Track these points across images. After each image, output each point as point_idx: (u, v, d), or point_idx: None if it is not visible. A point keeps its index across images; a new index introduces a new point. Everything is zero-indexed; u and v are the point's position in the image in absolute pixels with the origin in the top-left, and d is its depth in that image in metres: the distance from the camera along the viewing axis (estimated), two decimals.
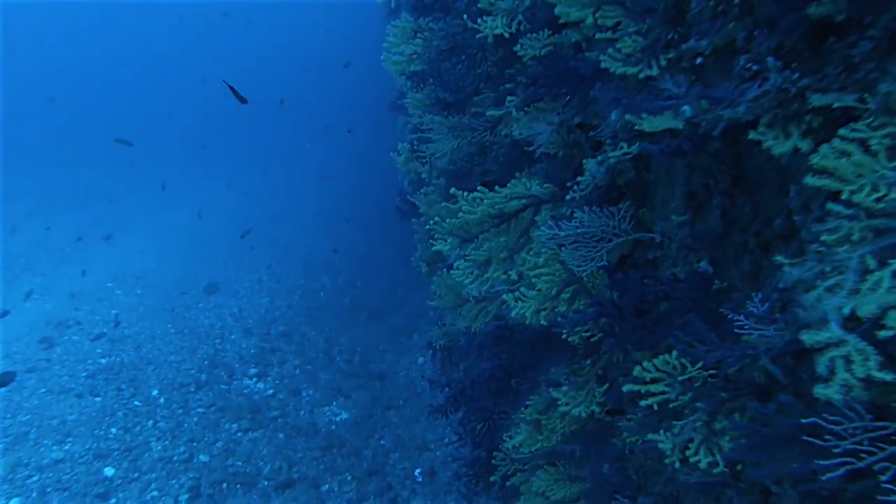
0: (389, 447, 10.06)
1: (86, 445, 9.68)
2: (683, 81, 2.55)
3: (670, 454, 2.86)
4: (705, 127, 2.38)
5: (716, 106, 2.25)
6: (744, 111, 2.17)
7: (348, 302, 15.63)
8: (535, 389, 5.11)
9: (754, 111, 2.16)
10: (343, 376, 12.19)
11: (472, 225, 4.35)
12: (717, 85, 2.36)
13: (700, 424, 2.82)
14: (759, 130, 2.19)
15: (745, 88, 2.23)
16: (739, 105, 2.17)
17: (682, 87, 2.51)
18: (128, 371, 11.95)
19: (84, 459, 9.37)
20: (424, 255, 9.82)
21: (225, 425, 10.59)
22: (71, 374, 11.71)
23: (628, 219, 3.65)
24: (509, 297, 4.10)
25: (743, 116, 2.20)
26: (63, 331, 13.49)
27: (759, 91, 2.12)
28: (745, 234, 2.88)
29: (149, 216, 24.81)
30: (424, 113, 6.67)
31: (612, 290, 3.18)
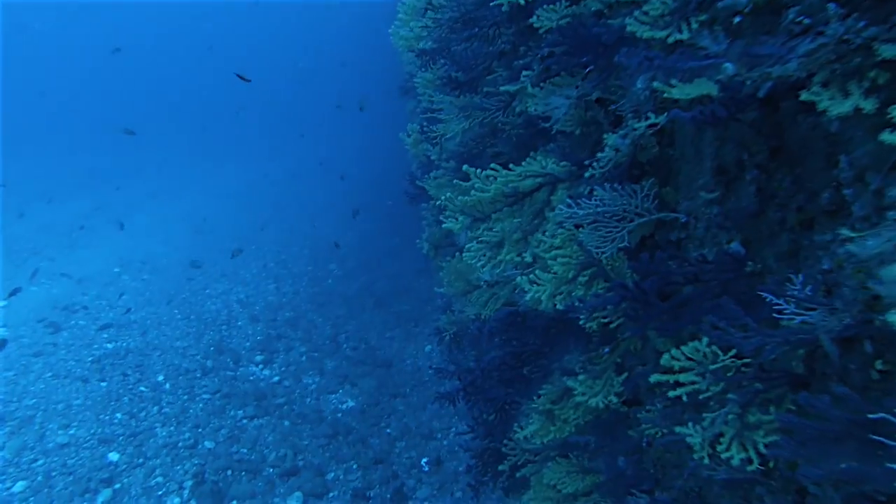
0: (395, 435, 9.85)
1: (91, 430, 9.52)
2: (723, 38, 2.29)
3: (699, 449, 2.61)
4: (748, 88, 2.12)
5: (761, 63, 2.00)
6: (796, 67, 1.92)
7: (356, 288, 15.41)
8: (547, 378, 4.87)
9: (808, 67, 1.91)
10: (349, 363, 11.98)
11: (484, 203, 4.11)
12: (761, 44, 2.10)
13: (732, 417, 2.58)
14: (812, 90, 1.93)
15: (794, 45, 1.98)
16: (790, 61, 1.92)
17: (722, 44, 2.25)
18: (134, 356, 11.78)
19: (89, 444, 9.21)
20: (432, 238, 9.59)
21: (230, 412, 10.41)
22: (77, 359, 11.55)
23: (651, 197, 3.40)
24: (523, 280, 3.86)
25: (794, 73, 1.94)
26: (70, 315, 13.34)
27: (813, 44, 1.87)
28: (784, 211, 2.63)
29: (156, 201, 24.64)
30: (434, 92, 6.41)
31: (636, 272, 2.93)
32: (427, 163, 8.45)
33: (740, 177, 2.90)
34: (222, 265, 16.70)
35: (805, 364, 2.55)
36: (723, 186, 3.00)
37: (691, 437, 2.63)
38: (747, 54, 2.04)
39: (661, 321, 2.83)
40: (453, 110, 6.04)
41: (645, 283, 2.83)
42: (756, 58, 2.01)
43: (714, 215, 3.09)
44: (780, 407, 2.56)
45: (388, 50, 12.22)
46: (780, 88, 2.13)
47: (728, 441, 2.56)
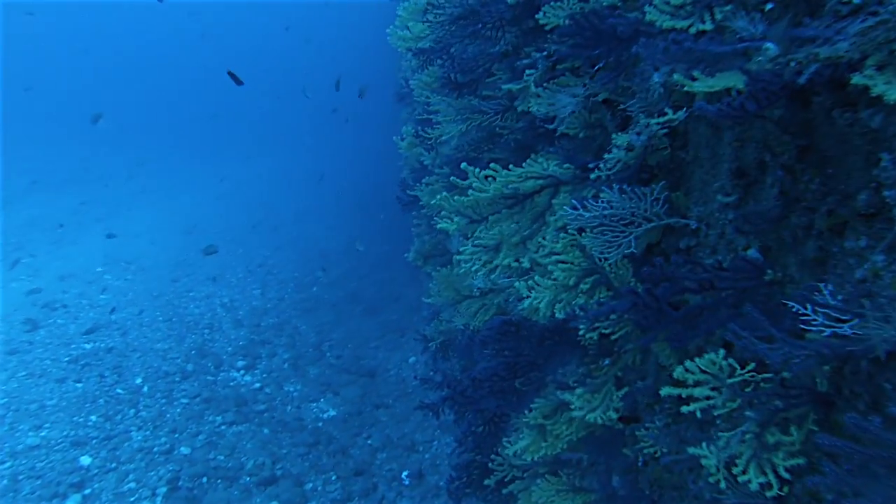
0: (377, 446, 9.55)
1: (63, 432, 9.16)
2: (760, 20, 2.09)
3: (714, 471, 2.38)
4: (789, 73, 1.91)
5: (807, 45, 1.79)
6: (847, 47, 1.71)
7: (342, 296, 15.12)
8: (540, 391, 4.63)
9: (861, 47, 1.70)
10: (333, 372, 11.69)
11: (482, 205, 3.88)
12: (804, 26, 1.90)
13: (750, 437, 2.35)
14: (864, 73, 1.73)
15: (844, 26, 1.77)
16: (840, 41, 1.71)
17: (760, 27, 2.05)
18: (112, 357, 11.44)
19: (61, 447, 8.85)
20: (422, 248, 9.35)
21: (209, 417, 10.09)
22: (53, 358, 11.19)
23: (661, 201, 3.18)
24: (521, 286, 3.63)
25: (846, 54, 1.74)
26: (49, 313, 12.98)
27: (868, 23, 1.66)
28: (811, 215, 2.41)
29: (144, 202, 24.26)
30: (431, 94, 6.20)
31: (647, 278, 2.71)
32: (420, 169, 8.23)
33: (761, 179, 2.69)
34: (208, 268, 16.38)
35: (830, 381, 2.34)
36: (741, 189, 2.79)
37: (706, 457, 2.39)
38: (790, 36, 1.84)
39: (673, 331, 2.61)
40: (450, 112, 5.83)
41: (658, 290, 2.61)
42: (800, 40, 1.81)
43: (730, 220, 2.88)
44: (802, 427, 2.34)
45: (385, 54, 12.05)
46: (823, 74, 1.92)
47: (745, 463, 2.33)
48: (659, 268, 2.63)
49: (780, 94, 2.26)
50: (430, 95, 6.15)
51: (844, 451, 1.83)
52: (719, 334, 2.79)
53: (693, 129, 3.25)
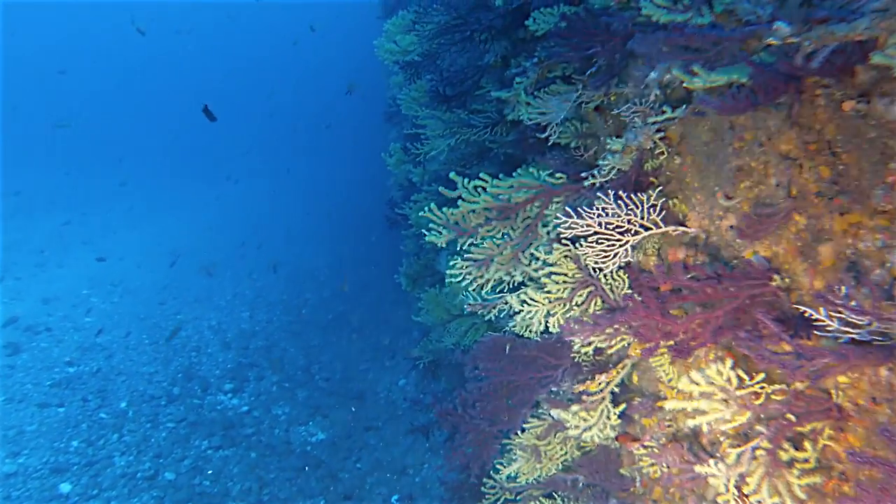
0: (367, 470, 9.28)
1: (43, 458, 8.84)
2: (766, 2, 1.94)
3: (724, 491, 2.20)
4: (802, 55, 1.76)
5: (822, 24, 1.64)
6: (867, 24, 1.56)
7: (331, 318, 14.86)
8: (533, 410, 4.44)
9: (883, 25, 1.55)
10: (322, 394, 11.42)
11: (471, 216, 3.71)
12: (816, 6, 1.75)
13: (761, 453, 2.17)
14: (887, 51, 1.57)
15: (859, 4, 1.63)
16: (859, 17, 1.57)
17: (767, 8, 1.90)
18: (96, 381, 11.13)
19: (39, 474, 8.53)
20: (410, 269, 9.16)
21: (195, 441, 9.79)
22: (35, 383, 10.87)
23: (658, 208, 3.02)
24: (514, 300, 3.46)
25: (865, 32, 1.59)
26: (32, 336, 12.65)
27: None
28: (820, 215, 2.26)
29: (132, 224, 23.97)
30: (419, 108, 6.06)
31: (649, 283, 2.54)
32: (408, 186, 8.08)
33: (764, 180, 2.53)
34: (196, 290, 16.11)
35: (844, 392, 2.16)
36: (745, 191, 2.63)
37: (715, 476, 2.21)
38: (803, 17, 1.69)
39: (678, 339, 2.43)
40: (438, 127, 5.69)
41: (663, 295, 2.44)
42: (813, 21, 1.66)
43: (732, 225, 2.72)
44: (817, 443, 2.16)
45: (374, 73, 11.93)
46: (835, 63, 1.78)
47: (757, 481, 2.15)
48: (660, 273, 2.46)
49: (786, 86, 2.11)
50: (417, 110, 6.01)
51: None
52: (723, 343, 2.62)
53: (690, 133, 3.10)
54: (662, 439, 3.44)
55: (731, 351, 2.59)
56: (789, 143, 2.37)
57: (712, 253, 2.89)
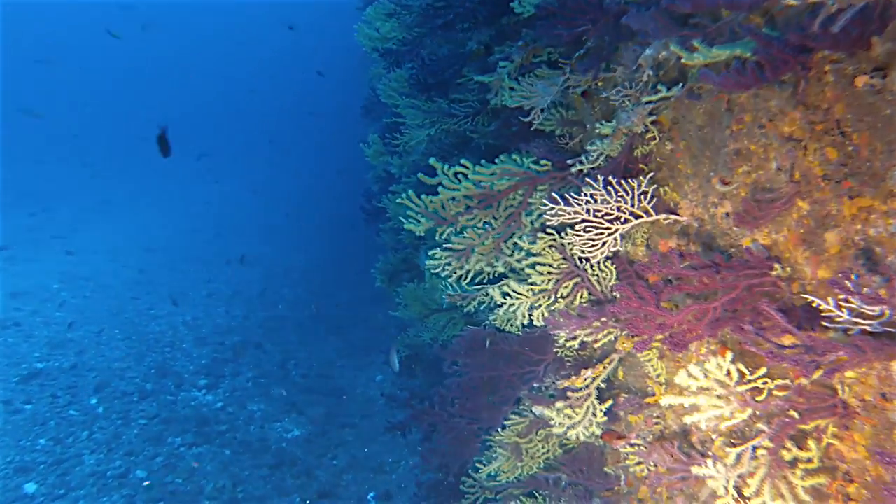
0: (343, 467, 9.05)
1: (7, 458, 8.49)
2: None
3: (723, 493, 2.03)
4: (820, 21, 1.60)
5: None
6: None
7: (308, 315, 14.61)
8: (514, 407, 4.26)
9: None
10: (298, 391, 11.16)
11: (451, 204, 3.53)
12: None
13: (763, 453, 2.01)
14: None
15: None
16: None
17: None
18: (66, 377, 10.77)
19: (3, 473, 8.18)
20: (387, 264, 8.95)
21: (168, 438, 9.49)
22: (2, 379, 10.49)
23: (649, 195, 2.86)
24: (496, 292, 3.28)
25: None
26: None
27: None
28: (825, 201, 2.10)
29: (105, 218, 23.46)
30: (399, 97, 5.86)
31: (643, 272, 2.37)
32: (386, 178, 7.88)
33: (764, 164, 2.37)
34: (170, 286, 15.75)
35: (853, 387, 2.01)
36: (742, 176, 2.47)
37: (713, 477, 2.04)
38: None
39: (673, 332, 2.26)
40: (418, 117, 5.50)
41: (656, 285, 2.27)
42: None
43: (728, 212, 2.56)
44: (821, 442, 2.01)
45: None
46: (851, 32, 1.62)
47: (758, 483, 1.99)
48: (657, 262, 2.30)
49: (795, 59, 1.95)
50: (397, 99, 5.82)
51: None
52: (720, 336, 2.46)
53: (683, 117, 2.93)
54: (650, 437, 3.28)
55: (726, 345, 2.44)
56: (793, 125, 2.21)
57: (706, 242, 2.73)
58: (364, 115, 11.52)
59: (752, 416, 2.05)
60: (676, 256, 2.32)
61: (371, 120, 11.69)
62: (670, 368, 3.13)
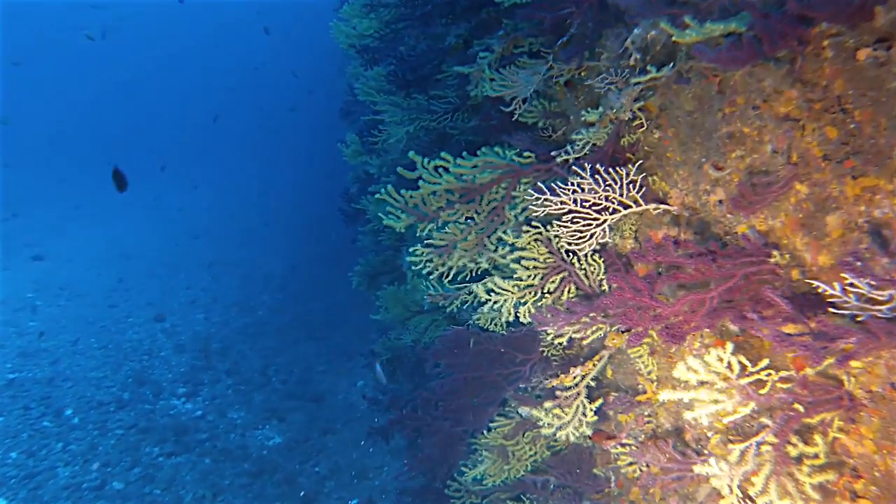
0: (325, 474, 8.85)
1: None
2: None
3: (728, 492, 1.91)
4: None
5: None
6: None
7: (288, 320, 14.36)
8: (500, 408, 4.13)
9: None
10: (279, 397, 10.94)
11: (432, 199, 3.38)
12: None
13: (768, 449, 1.89)
14: None
15: None
16: None
17: None
18: (40, 388, 10.47)
19: None
20: (367, 266, 8.78)
21: (146, 448, 9.23)
22: None
23: (638, 184, 2.74)
24: (480, 289, 3.14)
25: None
26: None
27: None
28: (825, 183, 1.99)
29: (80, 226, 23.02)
30: (377, 94, 5.71)
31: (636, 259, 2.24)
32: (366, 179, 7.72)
33: (758, 147, 2.26)
34: (148, 293, 15.45)
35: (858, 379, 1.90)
36: (736, 161, 2.35)
37: (717, 476, 1.91)
38: None
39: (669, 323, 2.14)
40: (397, 114, 5.36)
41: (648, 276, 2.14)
42: None
43: (722, 199, 2.44)
44: (828, 436, 1.89)
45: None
46: None
47: (763, 481, 1.87)
48: (649, 250, 2.17)
49: (794, 31, 1.83)
50: (375, 96, 5.67)
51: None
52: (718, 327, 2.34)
53: (671, 103, 2.82)
54: (641, 437, 3.16)
55: (722, 338, 2.32)
56: (789, 104, 2.10)
57: (699, 231, 2.61)
58: (342, 116, 11.34)
59: (754, 411, 1.93)
60: (671, 244, 2.20)
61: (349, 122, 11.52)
62: (661, 365, 3.01)
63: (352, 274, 8.54)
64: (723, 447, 2.49)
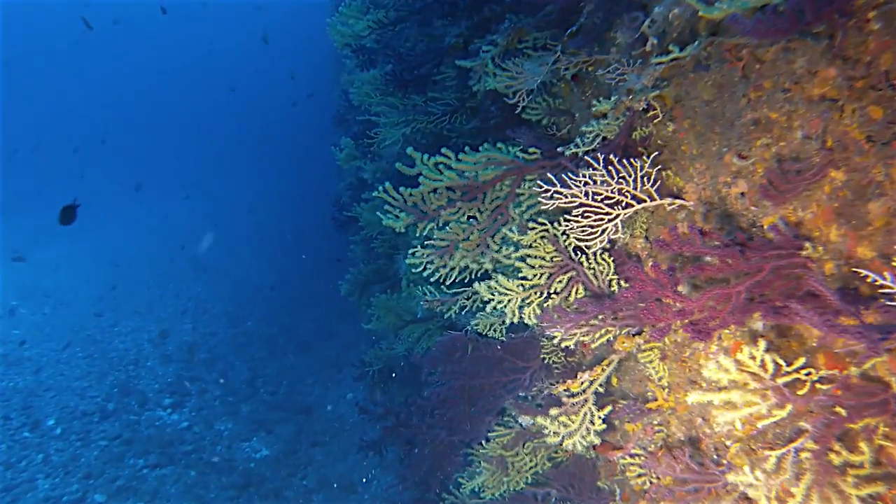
0: (313, 487, 8.59)
1: None
2: None
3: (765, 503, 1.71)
4: None
5: None
6: None
7: (277, 331, 14.09)
8: (499, 417, 3.92)
9: None
10: (266, 409, 10.66)
11: (432, 197, 3.20)
12: None
13: (808, 456, 1.70)
14: None
15: None
16: None
17: None
18: (21, 397, 10.15)
19: None
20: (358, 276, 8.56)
21: (129, 460, 8.93)
22: None
23: (652, 178, 2.56)
24: (482, 288, 2.95)
25: None
26: None
27: None
28: (867, 168, 1.82)
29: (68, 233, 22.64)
30: (373, 94, 5.52)
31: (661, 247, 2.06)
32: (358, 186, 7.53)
33: (787, 134, 2.09)
34: (135, 301, 15.14)
35: None
36: (761, 150, 2.18)
37: (753, 486, 1.72)
38: None
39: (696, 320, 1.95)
40: (393, 115, 5.18)
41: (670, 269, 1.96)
42: None
43: (744, 191, 2.27)
44: (873, 443, 1.71)
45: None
46: None
47: (804, 492, 1.68)
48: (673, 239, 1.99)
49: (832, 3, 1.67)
50: (371, 97, 5.49)
51: None
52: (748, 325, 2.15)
53: (687, 93, 2.65)
54: (651, 446, 2.96)
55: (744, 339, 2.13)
56: (825, 85, 1.93)
57: (718, 226, 2.44)
58: (336, 124, 11.15)
59: (791, 414, 1.75)
60: (697, 234, 2.02)
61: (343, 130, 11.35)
62: (674, 370, 2.82)
63: (342, 282, 8.31)
64: (743, 456, 2.30)
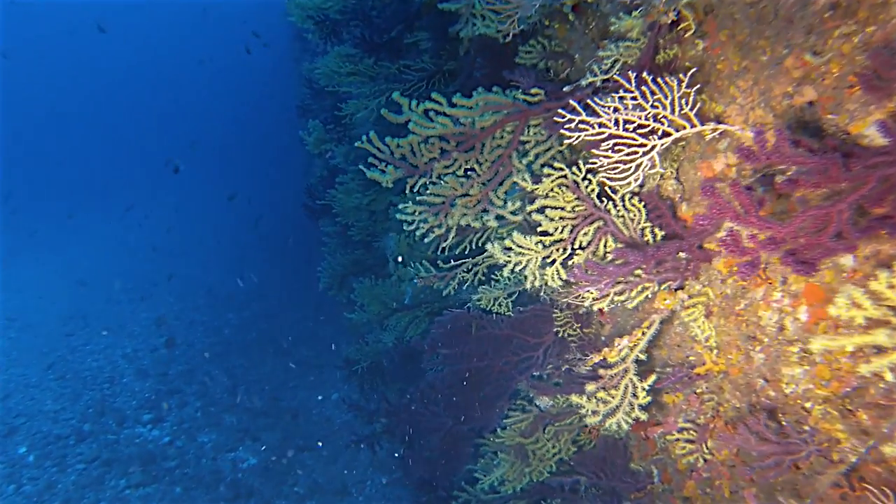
0: (305, 494, 8.04)
1: None
2: None
3: None
4: None
5: None
6: None
7: (255, 337, 13.44)
8: (511, 401, 3.44)
9: None
10: (251, 416, 10.06)
11: (423, 149, 2.69)
12: None
13: None
14: None
15: None
16: None
17: None
18: None
19: None
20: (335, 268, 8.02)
21: (110, 482, 8.30)
22: None
23: (691, 100, 2.10)
24: (496, 248, 2.46)
25: None
26: None
27: None
28: None
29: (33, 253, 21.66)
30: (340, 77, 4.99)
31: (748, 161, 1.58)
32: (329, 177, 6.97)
33: (880, 14, 1.63)
34: (106, 318, 14.36)
35: None
36: (840, 40, 1.72)
37: None
38: None
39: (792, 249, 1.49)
40: (365, 85, 4.67)
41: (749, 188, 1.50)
42: None
43: (812, 100, 1.81)
44: None
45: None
46: None
47: None
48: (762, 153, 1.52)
49: None
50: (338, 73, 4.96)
51: None
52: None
53: (720, 1, 2.19)
54: (701, 418, 2.50)
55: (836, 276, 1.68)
56: None
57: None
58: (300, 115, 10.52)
59: None
60: (787, 142, 1.56)
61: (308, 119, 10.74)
62: (722, 327, 2.37)
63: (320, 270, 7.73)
64: (835, 420, 1.85)
